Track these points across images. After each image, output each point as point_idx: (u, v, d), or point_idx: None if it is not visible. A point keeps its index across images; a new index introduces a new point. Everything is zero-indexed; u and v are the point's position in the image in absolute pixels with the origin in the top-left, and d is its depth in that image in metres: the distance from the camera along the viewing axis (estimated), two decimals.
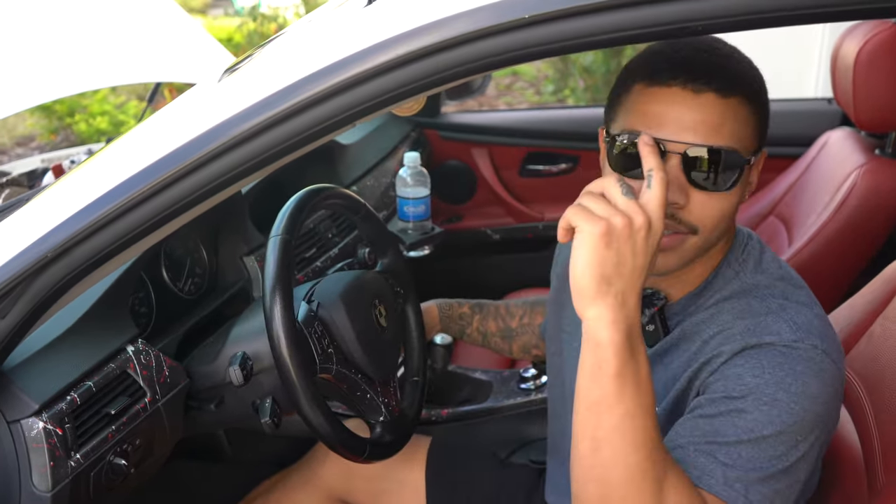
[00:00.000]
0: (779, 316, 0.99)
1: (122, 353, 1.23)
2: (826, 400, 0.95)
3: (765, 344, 0.96)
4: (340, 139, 2.12)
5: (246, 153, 0.93)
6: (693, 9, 0.81)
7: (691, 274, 1.08)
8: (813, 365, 0.95)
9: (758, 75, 1.01)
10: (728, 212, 1.00)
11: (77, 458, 1.11)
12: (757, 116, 1.00)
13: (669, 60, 0.98)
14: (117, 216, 0.95)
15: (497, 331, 1.58)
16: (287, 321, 1.15)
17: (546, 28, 0.84)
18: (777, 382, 0.93)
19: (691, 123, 0.95)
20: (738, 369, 0.96)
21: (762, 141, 1.02)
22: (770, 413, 0.92)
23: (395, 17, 0.89)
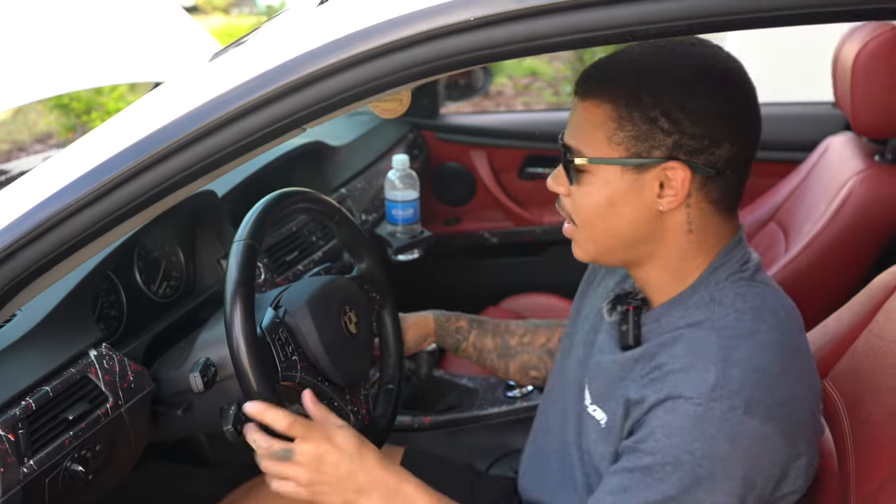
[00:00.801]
0: (711, 364, 0.97)
1: (83, 357, 1.22)
2: (741, 462, 0.95)
3: (683, 397, 0.96)
4: (330, 141, 2.10)
5: (194, 155, 0.91)
6: (641, 12, 0.78)
7: (651, 280, 1.09)
8: (726, 427, 0.94)
9: (639, 82, 0.99)
10: (587, 208, 1.05)
11: (30, 465, 1.10)
12: (617, 122, 1.00)
13: (582, 71, 1.07)
14: (60, 220, 0.93)
15: (494, 348, 1.52)
16: (247, 328, 1.13)
17: (493, 31, 0.81)
18: (684, 446, 0.95)
19: (568, 124, 1.07)
20: (653, 421, 0.98)
21: (637, 148, 1.00)
22: (673, 475, 0.95)
23: (345, 18, 0.87)
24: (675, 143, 0.98)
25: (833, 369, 1.28)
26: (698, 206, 1.02)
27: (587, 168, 1.03)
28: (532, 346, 1.51)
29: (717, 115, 0.99)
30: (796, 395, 0.99)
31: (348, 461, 1.09)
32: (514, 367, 1.52)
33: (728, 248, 1.06)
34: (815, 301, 1.56)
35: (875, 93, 1.74)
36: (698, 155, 0.99)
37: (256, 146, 0.90)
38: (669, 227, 1.04)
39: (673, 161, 0.99)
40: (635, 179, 1.01)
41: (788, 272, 1.78)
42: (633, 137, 0.99)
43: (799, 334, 1.06)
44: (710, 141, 0.99)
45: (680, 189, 1.00)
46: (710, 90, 0.99)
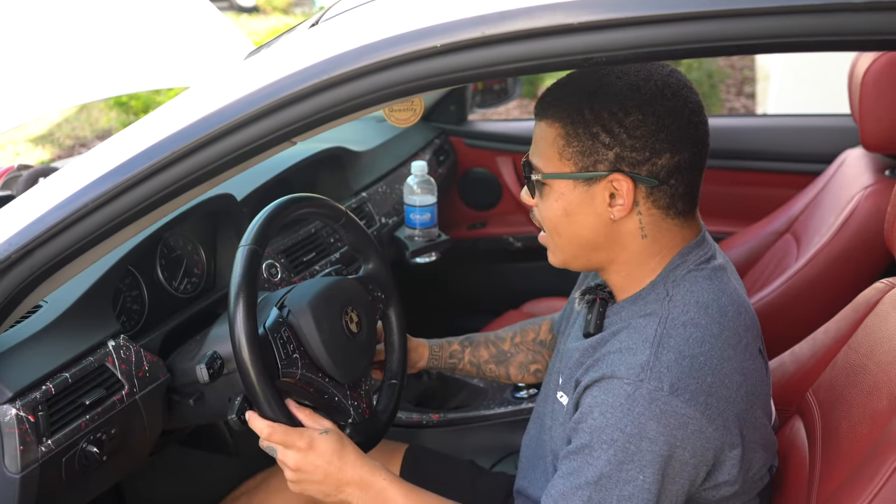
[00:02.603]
0: (647, 346, 1.04)
1: (101, 347, 1.31)
2: (669, 440, 1.00)
3: (616, 377, 1.03)
4: (353, 146, 2.18)
5: (191, 165, 0.99)
6: (594, 41, 0.84)
7: (614, 280, 1.17)
8: (653, 407, 1.00)
9: (581, 101, 1.06)
10: (549, 219, 1.13)
11: (48, 444, 1.20)
12: (565, 139, 1.08)
13: None
14: (73, 222, 1.02)
15: (490, 357, 1.58)
16: (248, 328, 1.20)
17: (458, 56, 0.88)
18: (615, 424, 1.02)
19: (532, 142, 1.16)
20: (591, 400, 1.06)
21: (584, 162, 1.07)
22: (608, 452, 1.02)
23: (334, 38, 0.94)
24: (617, 156, 1.06)
25: (816, 381, 1.31)
26: (648, 213, 1.10)
27: (545, 182, 1.12)
28: (524, 343, 1.57)
29: (655, 128, 1.05)
30: (728, 388, 1.04)
31: (326, 464, 1.18)
32: (514, 368, 1.58)
33: (686, 250, 1.13)
34: (817, 312, 1.59)
35: (883, 108, 1.75)
36: (640, 166, 1.06)
37: (247, 158, 0.97)
38: (624, 233, 1.11)
39: (616, 173, 1.06)
40: (586, 191, 1.09)
41: (794, 282, 1.80)
42: (579, 153, 1.08)
43: (744, 334, 1.10)
44: (651, 152, 1.06)
45: (626, 199, 1.07)
46: (646, 104, 1.05)
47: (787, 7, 0.80)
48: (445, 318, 2.68)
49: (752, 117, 3.48)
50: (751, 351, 1.10)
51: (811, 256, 1.80)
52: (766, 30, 0.81)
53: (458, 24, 0.87)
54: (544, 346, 1.56)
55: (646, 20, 0.82)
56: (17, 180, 1.83)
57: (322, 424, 1.23)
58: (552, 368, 1.34)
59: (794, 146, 2.36)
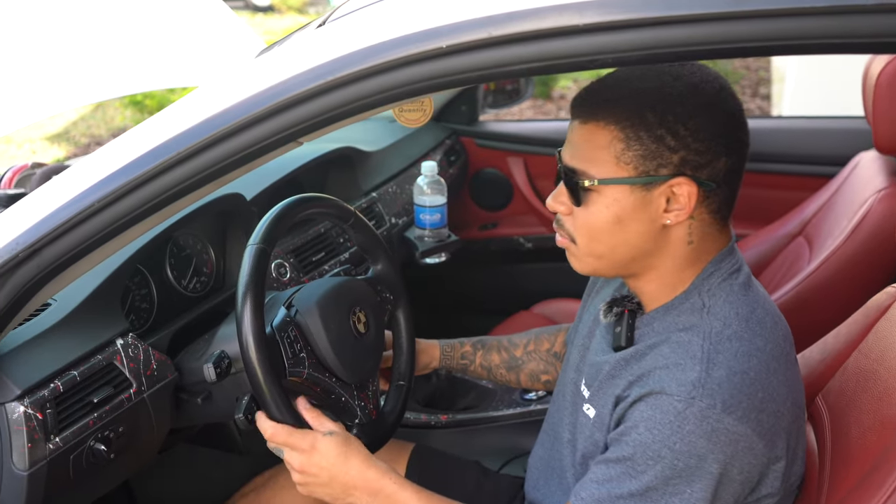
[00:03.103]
0: (696, 363, 1.02)
1: (110, 345, 1.32)
2: (718, 458, 0.99)
3: (665, 394, 1.01)
4: (364, 146, 2.18)
5: (197, 165, 1.00)
6: (601, 42, 0.83)
7: (647, 289, 1.14)
8: (705, 425, 0.99)
9: (642, 102, 1.03)
10: (595, 227, 1.07)
11: (56, 442, 1.20)
12: (625, 142, 1.03)
13: (577, 93, 1.11)
14: (80, 221, 1.02)
15: (501, 362, 1.58)
16: (255, 327, 1.21)
17: (464, 57, 0.87)
18: (663, 441, 1.00)
19: (568, 145, 1.10)
20: (636, 415, 1.04)
21: (645, 166, 1.03)
22: (655, 468, 1.01)
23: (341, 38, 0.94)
24: (682, 160, 1.03)
25: (826, 386, 1.30)
26: (700, 218, 1.08)
27: (594, 188, 1.06)
28: (537, 352, 1.56)
29: (715, 131, 1.04)
30: (777, 401, 1.03)
31: (330, 467, 1.18)
32: (524, 376, 1.58)
33: (719, 257, 1.11)
34: (829, 316, 1.57)
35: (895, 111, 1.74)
36: (702, 170, 1.04)
37: (253, 158, 0.97)
38: (672, 240, 1.08)
39: (680, 177, 1.03)
40: (643, 196, 1.05)
41: (806, 286, 1.79)
42: (641, 157, 1.03)
43: (784, 344, 1.09)
44: (712, 156, 1.04)
45: (687, 203, 1.05)
46: (708, 107, 1.04)
47: (798, 9, 0.79)
48: (455, 319, 2.68)
49: (766, 119, 3.47)
50: (790, 360, 1.09)
51: (823, 259, 1.78)
52: (778, 32, 0.81)
53: (464, 24, 0.86)
54: (558, 357, 1.55)
55: (655, 21, 0.82)
56: (30, 178, 1.84)
57: (326, 426, 1.22)
58: (565, 379, 1.32)
59: (807, 148, 2.34)
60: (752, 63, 6.68)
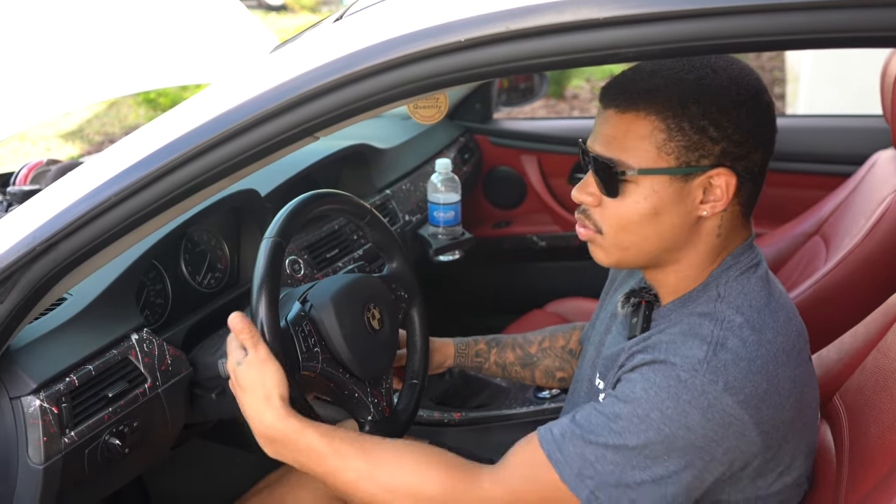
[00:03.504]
0: (704, 344, 1.01)
1: (125, 340, 1.32)
2: (707, 434, 0.98)
3: (669, 363, 1.01)
4: (377, 143, 2.18)
5: (212, 160, 0.99)
6: (620, 36, 0.83)
7: (667, 281, 1.13)
8: (702, 399, 0.98)
9: (684, 92, 1.02)
10: (628, 218, 1.06)
11: (71, 436, 1.20)
12: (667, 132, 1.02)
13: (605, 84, 1.09)
14: (97, 215, 1.03)
15: (516, 359, 1.57)
16: (270, 319, 1.21)
17: (483, 51, 0.87)
18: (657, 403, 0.99)
19: (598, 135, 1.08)
20: (636, 375, 1.03)
21: (687, 157, 1.03)
22: (639, 427, 0.99)
23: (358, 33, 0.94)
24: (723, 151, 1.03)
25: (844, 385, 1.29)
26: (731, 210, 1.08)
27: (632, 179, 1.05)
28: (552, 349, 1.55)
29: (753, 124, 1.04)
30: (780, 395, 1.02)
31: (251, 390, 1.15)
32: (539, 373, 1.57)
33: (739, 251, 1.11)
34: (846, 316, 1.56)
35: None
36: (740, 161, 1.04)
37: (270, 153, 0.97)
38: (703, 231, 1.09)
39: (720, 168, 1.03)
40: (681, 188, 1.05)
41: (823, 285, 1.78)
42: (683, 147, 1.03)
43: (796, 340, 1.08)
44: (749, 148, 1.04)
45: (724, 194, 1.05)
46: (746, 99, 1.04)
47: (816, 3, 0.79)
48: (468, 318, 2.67)
49: (783, 117, 3.45)
50: (802, 357, 1.08)
51: (840, 259, 1.77)
52: (796, 26, 0.80)
53: (482, 18, 0.86)
54: (573, 355, 1.54)
55: (675, 15, 0.81)
56: (45, 175, 1.85)
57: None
58: (581, 377, 1.32)
59: (824, 147, 2.33)
60: (766, 62, 6.65)
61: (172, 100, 6.75)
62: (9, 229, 1.09)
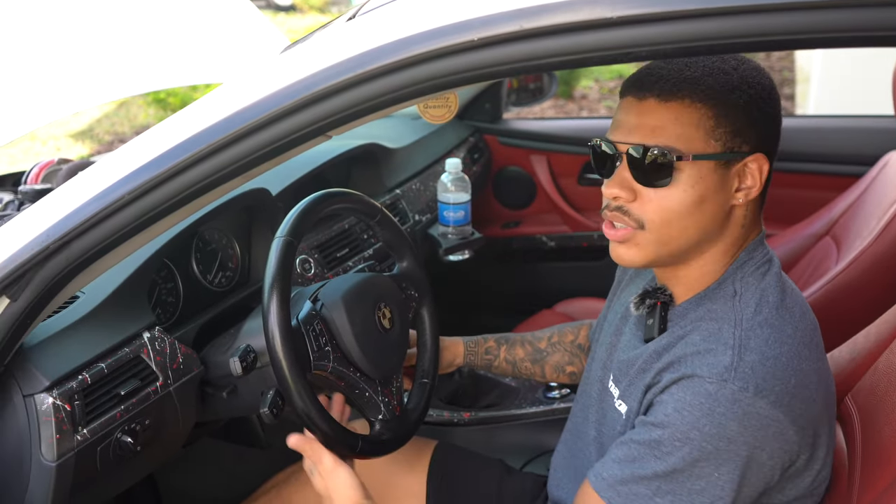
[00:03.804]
0: (728, 349, 1.01)
1: (137, 338, 1.33)
2: (749, 441, 0.99)
3: (697, 376, 1.01)
4: (387, 143, 2.18)
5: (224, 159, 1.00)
6: (634, 35, 0.82)
7: (687, 277, 1.13)
8: (736, 408, 0.98)
9: (725, 80, 1.04)
10: (674, 209, 1.05)
11: (84, 433, 1.21)
12: (715, 119, 1.04)
13: (632, 76, 1.09)
14: (110, 214, 1.03)
15: (525, 356, 1.57)
16: (281, 318, 1.21)
17: (496, 50, 0.87)
18: (693, 422, 1.00)
19: (634, 126, 1.06)
20: (667, 397, 1.04)
21: (733, 142, 1.05)
22: (682, 449, 1.00)
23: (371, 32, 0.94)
24: (759, 137, 1.06)
25: (856, 386, 1.28)
26: (756, 200, 1.10)
27: (679, 167, 1.04)
28: (561, 344, 1.56)
29: (775, 114, 1.08)
30: (809, 388, 1.03)
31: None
32: (549, 368, 1.57)
33: (752, 246, 1.12)
34: (857, 317, 1.55)
35: None
36: (771, 147, 1.08)
37: (283, 152, 0.97)
38: (732, 222, 1.10)
39: (758, 153, 1.06)
40: (722, 175, 1.06)
41: (834, 286, 1.77)
42: (731, 133, 1.04)
43: (813, 334, 1.09)
44: (775, 138, 1.08)
45: (759, 180, 1.06)
46: (770, 92, 1.07)
47: (829, 3, 0.78)
48: (477, 318, 2.68)
49: (793, 118, 3.44)
50: (820, 350, 1.09)
51: (852, 260, 1.76)
52: (809, 25, 0.80)
53: (496, 17, 0.86)
54: (582, 349, 1.55)
55: (687, 14, 0.81)
56: (56, 174, 1.86)
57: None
58: (591, 377, 1.32)
59: (835, 147, 2.32)
60: (775, 63, 6.63)
61: (182, 99, 6.77)
62: (22, 228, 1.09)
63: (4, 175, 1.93)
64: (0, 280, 1.07)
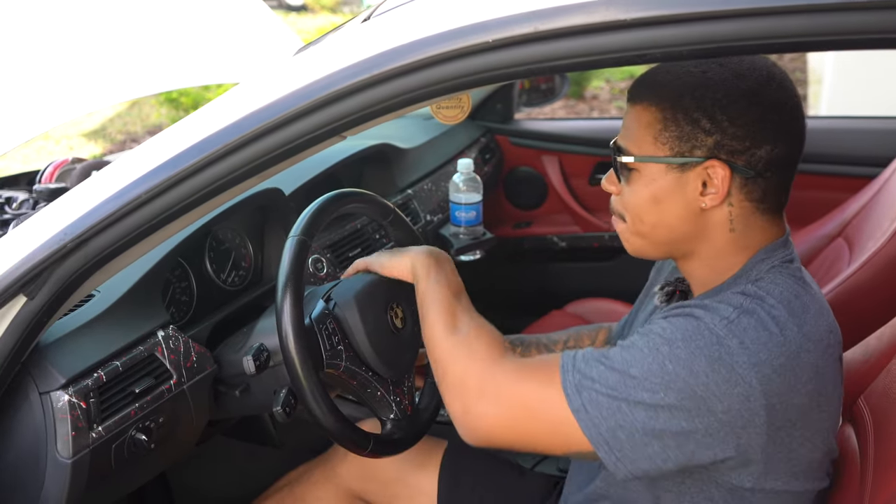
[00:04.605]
0: (732, 307, 1.02)
1: (151, 337, 1.34)
2: (709, 385, 0.97)
3: (695, 316, 1.02)
4: (399, 143, 2.19)
5: (239, 159, 1.01)
6: (648, 37, 0.83)
7: (697, 272, 1.15)
8: (713, 349, 0.98)
9: (685, 84, 1.05)
10: (635, 204, 1.11)
11: (99, 431, 1.22)
12: (662, 122, 1.06)
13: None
14: (126, 213, 1.04)
15: None
16: (294, 317, 1.22)
17: (510, 52, 0.87)
18: (670, 340, 1.00)
19: (622, 127, 1.14)
20: (661, 317, 1.06)
21: (681, 147, 1.06)
22: (646, 357, 1.00)
23: (386, 33, 0.95)
24: (716, 143, 1.05)
25: (869, 387, 1.28)
26: (740, 205, 1.08)
27: (635, 166, 1.10)
28: (578, 348, 1.55)
29: (758, 117, 1.04)
30: (797, 377, 1.00)
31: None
32: None
33: (772, 247, 1.11)
34: (870, 319, 1.55)
35: None
36: (739, 155, 1.05)
37: (298, 152, 0.98)
38: (712, 224, 1.10)
39: (713, 160, 1.05)
40: (678, 177, 1.07)
41: (846, 287, 1.76)
42: (676, 137, 1.06)
43: (826, 336, 1.07)
44: (751, 142, 1.05)
45: (720, 187, 1.06)
46: (752, 93, 1.04)
47: (843, 4, 0.78)
48: (488, 318, 2.67)
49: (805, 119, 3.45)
50: (830, 354, 1.06)
51: (864, 261, 1.75)
52: (820, 27, 0.80)
53: (510, 19, 0.86)
54: None
55: (700, 16, 0.81)
56: (70, 173, 1.87)
57: None
58: None
59: (847, 148, 2.32)
60: (787, 64, 6.61)
61: (194, 99, 6.80)
62: (39, 227, 1.10)
63: (19, 174, 1.94)
64: (17, 278, 1.08)
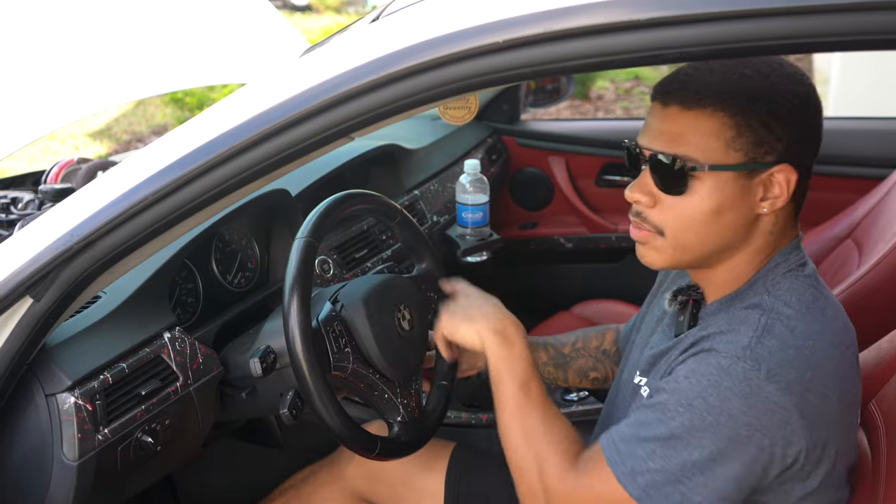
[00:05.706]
0: (750, 330, 1.02)
1: (157, 339, 1.33)
2: (750, 422, 0.98)
3: (714, 350, 1.01)
4: (406, 144, 2.18)
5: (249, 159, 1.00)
6: (658, 38, 0.82)
7: (716, 279, 1.14)
8: (743, 386, 0.98)
9: (750, 89, 1.03)
10: (691, 217, 1.06)
11: (105, 433, 1.21)
12: (735, 129, 1.03)
13: (661, 81, 1.09)
14: (133, 214, 1.03)
15: (549, 359, 1.56)
16: (302, 319, 1.21)
17: (520, 52, 0.87)
18: (700, 391, 1.00)
19: (658, 133, 1.07)
20: (682, 367, 1.05)
21: (755, 153, 1.04)
22: (683, 415, 1.00)
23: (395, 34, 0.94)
24: (786, 147, 1.04)
25: (880, 391, 1.27)
26: (787, 208, 1.09)
27: (698, 176, 1.05)
28: (586, 349, 1.55)
29: (809, 122, 1.06)
30: (826, 386, 1.02)
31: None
32: (572, 373, 1.56)
33: (787, 250, 1.11)
34: (880, 321, 1.54)
35: None
36: (800, 158, 1.06)
37: (306, 153, 0.97)
38: (758, 230, 1.09)
39: (784, 164, 1.04)
40: (743, 185, 1.06)
41: (856, 290, 1.75)
42: (752, 143, 1.04)
43: (844, 337, 1.08)
44: (806, 146, 1.06)
45: (785, 190, 1.05)
46: (804, 98, 1.06)
47: (860, 4, 0.78)
48: None
49: None
50: (847, 356, 1.08)
51: (874, 264, 1.74)
52: (835, 27, 0.79)
53: (520, 20, 0.86)
54: (607, 355, 1.54)
55: (716, 16, 0.80)
56: (76, 173, 1.87)
57: None
58: (622, 379, 1.31)
59: (856, 150, 2.30)
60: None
61: (199, 99, 6.80)
62: (46, 228, 1.10)
63: (24, 174, 1.94)
64: (24, 280, 1.07)
